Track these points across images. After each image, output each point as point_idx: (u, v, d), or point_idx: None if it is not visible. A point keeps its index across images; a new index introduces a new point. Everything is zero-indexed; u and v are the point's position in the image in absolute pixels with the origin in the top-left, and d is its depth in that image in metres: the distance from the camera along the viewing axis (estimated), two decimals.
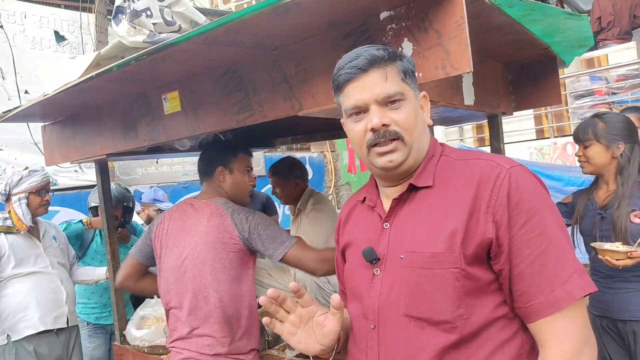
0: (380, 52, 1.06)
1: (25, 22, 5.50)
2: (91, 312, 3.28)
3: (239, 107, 1.69)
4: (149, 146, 2.12)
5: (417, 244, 1.04)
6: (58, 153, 2.55)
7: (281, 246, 1.88)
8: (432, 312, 1.00)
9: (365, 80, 1.05)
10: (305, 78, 1.50)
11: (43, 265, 2.79)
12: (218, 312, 1.88)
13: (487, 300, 1.00)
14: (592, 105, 5.42)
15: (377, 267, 1.09)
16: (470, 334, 0.99)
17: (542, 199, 1.02)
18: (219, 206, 1.98)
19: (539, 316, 0.97)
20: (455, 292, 0.98)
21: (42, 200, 2.81)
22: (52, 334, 2.79)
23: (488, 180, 1.01)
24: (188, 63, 1.67)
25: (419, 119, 1.09)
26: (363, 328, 1.11)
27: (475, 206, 1.00)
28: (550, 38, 1.87)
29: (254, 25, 1.35)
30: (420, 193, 1.08)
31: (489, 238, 0.98)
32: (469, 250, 0.99)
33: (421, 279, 1.01)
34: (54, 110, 2.29)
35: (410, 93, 1.08)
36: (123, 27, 1.47)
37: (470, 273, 0.99)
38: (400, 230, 1.08)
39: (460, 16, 1.20)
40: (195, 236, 1.93)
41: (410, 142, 1.06)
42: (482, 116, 2.29)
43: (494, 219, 0.98)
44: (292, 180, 2.78)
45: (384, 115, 1.04)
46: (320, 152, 8.19)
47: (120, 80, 1.78)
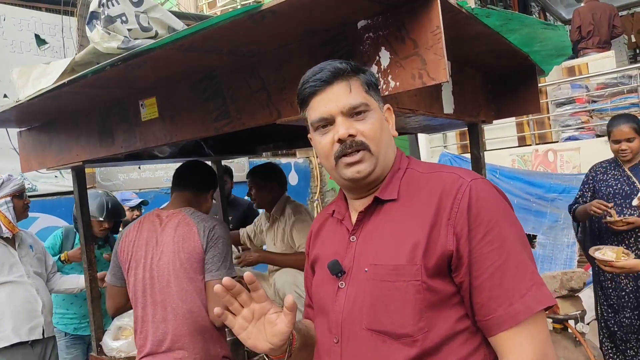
0: (344, 65, 1.08)
1: (4, 24, 5.40)
2: (69, 322, 3.23)
3: (217, 114, 1.67)
4: (125, 153, 2.08)
5: (380, 257, 1.04)
6: (34, 159, 2.50)
7: (223, 270, 1.87)
8: (394, 325, 1.00)
9: (330, 92, 1.06)
10: (284, 85, 1.49)
11: (18, 274, 2.72)
12: (188, 323, 1.85)
13: (449, 313, 1.00)
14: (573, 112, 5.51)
15: (342, 280, 1.09)
16: (431, 348, 0.98)
17: (503, 212, 1.02)
18: (186, 215, 1.97)
19: (499, 329, 0.97)
20: (416, 305, 0.98)
21: (24, 204, 2.83)
22: (27, 346, 2.71)
23: (449, 192, 1.01)
24: (165, 69, 1.64)
25: (384, 129, 1.10)
26: (327, 342, 1.10)
27: (437, 219, 1.00)
28: (529, 47, 1.88)
29: (231, 32, 1.33)
30: (385, 206, 1.09)
31: (449, 250, 0.98)
32: (430, 262, 0.99)
33: (383, 292, 1.01)
34: (29, 116, 2.24)
35: (375, 104, 1.09)
36: (97, 33, 1.44)
37: (432, 286, 0.98)
38: (366, 243, 1.08)
39: (436, 26, 1.20)
40: (162, 246, 1.91)
41: (377, 152, 1.07)
42: (462, 124, 2.30)
43: (454, 231, 0.98)
44: (269, 184, 2.79)
45: (350, 126, 1.05)
46: (306, 158, 8.18)
47: (95, 86, 1.75)
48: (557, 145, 5.50)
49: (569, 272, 2.17)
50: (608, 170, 3.03)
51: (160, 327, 1.87)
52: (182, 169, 2.17)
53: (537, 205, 4.72)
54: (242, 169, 6.76)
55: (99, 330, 2.50)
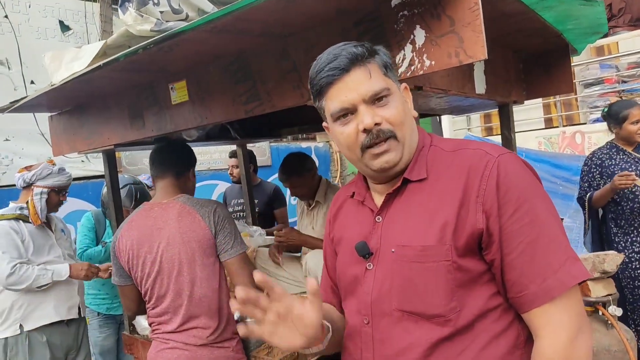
0: (359, 49, 1.03)
1: (29, 11, 5.48)
2: (102, 302, 3.31)
3: (247, 96, 1.67)
4: (156, 136, 2.11)
5: (407, 238, 1.02)
6: (65, 143, 2.54)
7: (237, 246, 1.93)
8: (425, 306, 0.99)
9: (349, 80, 1.02)
10: None
11: (56, 255, 2.81)
12: (203, 306, 1.91)
13: (480, 291, 0.99)
14: (601, 93, 5.36)
15: (370, 261, 1.08)
16: (464, 327, 0.98)
17: (532, 187, 1.00)
18: (183, 204, 1.96)
19: (532, 306, 0.95)
20: (447, 285, 0.97)
21: (58, 200, 2.85)
22: (63, 324, 2.81)
23: (477, 169, 0.99)
24: (196, 52, 1.65)
25: (407, 112, 1.07)
26: (357, 323, 1.09)
27: (465, 197, 0.98)
28: (563, 25, 1.83)
29: (263, 13, 1.32)
30: (412, 186, 1.07)
31: (479, 228, 0.97)
32: (460, 241, 0.97)
33: (413, 273, 1.00)
34: (60, 100, 2.28)
35: (394, 87, 1.06)
36: (130, 15, 1.45)
37: (462, 265, 0.97)
38: (392, 224, 1.07)
39: (474, 2, 1.17)
40: (166, 238, 1.91)
41: (403, 138, 1.04)
42: (493, 105, 2.26)
43: (483, 209, 0.97)
44: (305, 175, 2.68)
45: (374, 114, 1.01)
46: (326, 142, 8.16)
47: (127, 69, 1.76)
48: (585, 127, 5.37)
49: (601, 255, 2.14)
50: (613, 155, 3.08)
51: (177, 313, 1.93)
52: (158, 154, 2.08)
53: (564, 188, 4.64)
54: (264, 153, 6.79)
55: None
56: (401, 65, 1.31)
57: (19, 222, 2.69)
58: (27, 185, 2.75)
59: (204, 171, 6.10)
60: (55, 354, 2.75)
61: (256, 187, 3.72)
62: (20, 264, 2.56)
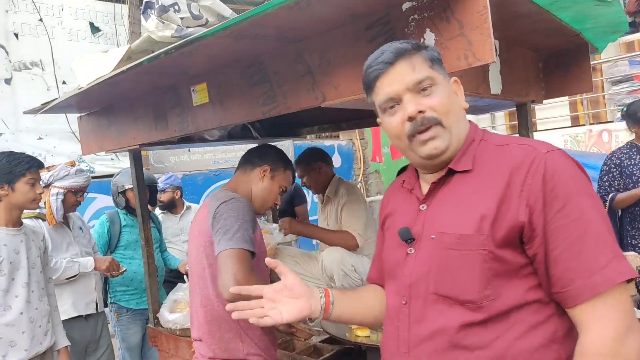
0: (405, 45, 1.08)
1: (62, 14, 5.67)
2: (131, 298, 3.36)
3: (264, 98, 1.73)
4: (179, 136, 2.18)
5: (447, 226, 1.06)
6: (94, 143, 2.65)
7: (223, 243, 1.63)
8: (459, 291, 1.03)
9: (394, 72, 1.07)
10: (328, 69, 1.52)
11: (74, 252, 2.90)
12: (205, 311, 1.77)
13: (518, 283, 1.01)
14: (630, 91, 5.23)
15: (412, 246, 1.13)
16: (498, 315, 1.00)
17: (580, 184, 1.00)
18: (210, 197, 1.84)
19: (577, 301, 0.96)
20: (482, 274, 1.00)
21: (75, 200, 2.92)
22: (82, 319, 2.92)
23: (522, 165, 1.01)
24: (215, 56, 1.71)
25: (453, 102, 1.10)
26: (396, 303, 1.15)
27: (508, 191, 1.00)
28: (581, 25, 1.82)
29: (278, 19, 1.37)
30: (457, 177, 1.10)
31: (521, 222, 0.98)
32: (499, 233, 0.99)
33: (450, 259, 1.04)
34: (89, 102, 2.38)
35: (440, 78, 1.09)
36: (152, 22, 1.52)
37: (500, 256, 0.99)
38: (435, 212, 1.11)
39: (482, 6, 1.19)
40: (192, 232, 1.87)
41: (449, 126, 1.07)
42: (511, 104, 2.25)
43: (527, 203, 0.98)
44: (315, 165, 2.84)
45: (418, 103, 1.05)
46: (349, 140, 8.19)
47: (150, 73, 1.84)
48: (612, 125, 5.25)
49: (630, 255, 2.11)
50: (633, 155, 3.03)
51: (194, 316, 1.85)
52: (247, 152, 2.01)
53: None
54: (287, 151, 6.86)
55: (155, 304, 2.66)
56: None
57: (38, 220, 2.79)
58: (45, 185, 2.83)
59: (229, 169, 6.22)
60: (74, 347, 2.84)
61: None
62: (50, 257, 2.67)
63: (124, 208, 3.37)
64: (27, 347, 2.19)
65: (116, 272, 2.94)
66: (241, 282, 1.53)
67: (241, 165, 1.96)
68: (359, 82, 1.45)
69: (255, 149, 2.01)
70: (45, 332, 2.29)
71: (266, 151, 1.98)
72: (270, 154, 1.96)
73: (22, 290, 2.21)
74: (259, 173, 1.90)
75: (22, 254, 2.25)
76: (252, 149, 2.02)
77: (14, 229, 2.27)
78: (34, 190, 2.27)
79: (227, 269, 1.57)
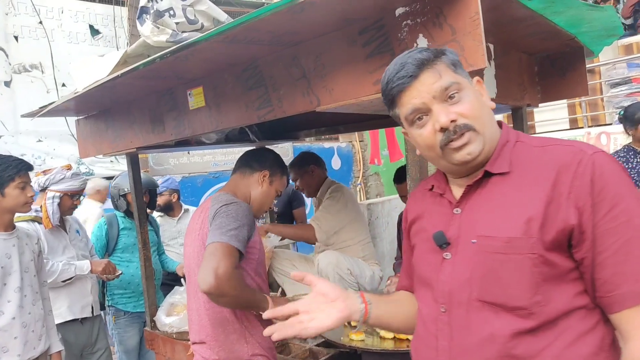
0: (425, 54, 1.04)
1: (62, 17, 5.69)
2: (128, 301, 3.36)
3: (259, 102, 1.73)
4: (175, 140, 2.19)
5: (491, 229, 1.02)
6: (91, 146, 2.66)
7: (217, 236, 1.64)
8: (507, 297, 0.98)
9: (419, 84, 1.03)
10: (323, 73, 1.53)
11: (70, 255, 2.89)
12: (209, 314, 1.77)
13: (566, 288, 0.98)
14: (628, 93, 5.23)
15: (447, 251, 1.09)
16: (548, 322, 0.97)
17: (627, 187, 0.98)
18: (211, 199, 1.85)
19: (623, 306, 0.93)
20: (532, 278, 0.96)
21: (72, 204, 2.91)
22: (78, 322, 2.92)
23: (569, 166, 0.98)
24: (210, 60, 1.71)
25: (482, 105, 1.07)
26: (433, 312, 1.11)
27: (555, 192, 0.97)
28: (576, 29, 1.83)
29: (272, 24, 1.38)
30: (493, 179, 1.06)
31: (570, 225, 0.95)
32: (548, 236, 0.96)
33: (496, 264, 1.00)
34: (86, 105, 2.39)
35: (465, 82, 1.06)
36: (147, 27, 1.52)
37: (549, 259, 0.96)
38: (472, 215, 1.07)
39: (474, 12, 1.19)
40: (191, 234, 1.87)
41: (482, 130, 1.04)
42: (506, 108, 2.26)
43: (576, 205, 0.95)
44: (308, 168, 2.87)
45: (448, 112, 1.02)
46: (348, 142, 8.19)
47: (146, 77, 1.84)
48: (611, 127, 5.25)
49: None
50: (630, 159, 3.03)
51: (193, 317, 1.84)
52: (244, 154, 2.04)
53: None
54: (287, 153, 6.87)
55: (152, 307, 2.66)
56: None
57: (34, 223, 2.79)
58: (41, 189, 2.84)
59: (229, 171, 6.21)
60: (70, 351, 2.84)
61: None
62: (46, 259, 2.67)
63: (125, 211, 3.37)
64: (20, 352, 2.17)
65: (112, 275, 2.94)
66: (221, 277, 1.54)
67: (239, 168, 1.98)
68: (353, 86, 1.46)
69: (253, 153, 2.02)
70: (39, 337, 2.28)
71: (265, 156, 2.00)
72: (269, 159, 1.97)
73: (14, 295, 2.19)
74: (259, 178, 1.92)
75: (14, 258, 2.23)
76: (250, 152, 2.03)
77: (6, 233, 2.25)
78: (25, 194, 2.25)
79: (209, 261, 1.58)
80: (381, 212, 5.63)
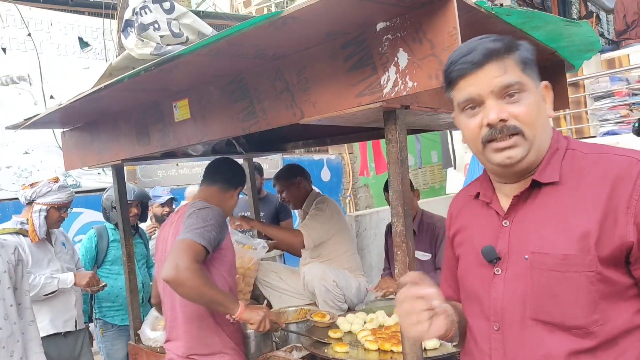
0: (497, 44, 0.98)
1: (51, 29, 5.67)
2: (116, 314, 3.32)
3: (244, 114, 1.75)
4: (161, 151, 2.19)
5: (544, 245, 0.97)
6: (77, 158, 2.65)
7: (184, 234, 1.80)
8: (564, 316, 0.95)
9: (481, 74, 0.98)
10: (307, 87, 1.54)
11: (55, 269, 2.86)
12: (184, 312, 1.92)
13: (625, 306, 0.94)
14: (612, 106, 5.32)
15: (498, 266, 1.03)
16: (607, 341, 0.93)
17: None
18: (187, 207, 2.02)
19: None
20: (589, 297, 0.92)
21: (59, 216, 2.89)
22: (61, 336, 2.87)
23: (626, 177, 0.92)
24: (195, 73, 1.73)
25: (541, 111, 1.00)
26: (484, 329, 1.06)
27: (611, 205, 0.92)
28: (556, 43, 1.87)
29: (255, 38, 1.40)
30: (544, 190, 1.01)
31: (629, 241, 0.90)
32: (604, 252, 0.92)
33: (551, 282, 0.95)
34: (71, 117, 2.39)
35: (531, 84, 0.99)
36: (132, 40, 1.53)
37: (607, 276, 0.92)
38: (523, 229, 1.02)
39: (453, 27, 1.22)
40: (167, 241, 2.00)
41: (532, 137, 0.98)
42: None
43: (635, 221, 0.90)
44: (294, 180, 2.88)
45: (501, 110, 0.97)
46: (338, 154, 8.22)
47: (132, 89, 1.85)
48: (595, 140, 5.34)
49: None
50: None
51: (169, 317, 1.99)
52: (209, 165, 2.23)
53: None
54: (276, 165, 6.88)
55: (136, 320, 2.63)
56: (386, 86, 1.36)
57: (19, 236, 2.75)
58: (28, 202, 2.81)
59: None
60: None
61: (262, 200, 3.79)
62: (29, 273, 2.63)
63: (117, 223, 3.34)
64: None
65: (96, 288, 2.91)
66: (180, 267, 1.70)
67: (210, 184, 2.15)
68: (336, 99, 1.48)
69: (219, 170, 2.18)
70: (9, 354, 2.16)
71: (232, 173, 2.19)
72: (235, 177, 2.18)
73: None
74: (229, 196, 2.15)
75: None
76: (216, 168, 2.19)
77: None
78: None
79: (173, 254, 1.73)
80: (369, 224, 5.64)
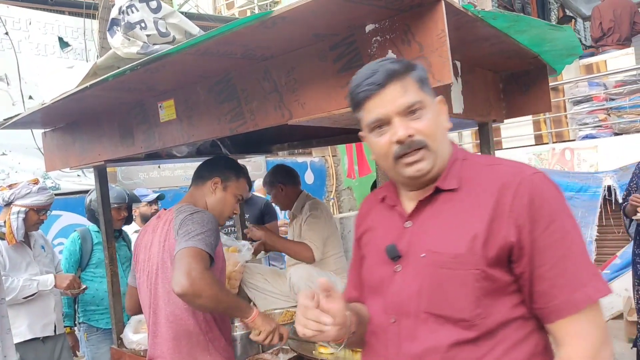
0: (396, 66, 1.09)
1: (30, 28, 5.56)
2: (101, 317, 3.26)
3: (231, 115, 1.73)
4: (145, 152, 2.16)
5: (439, 245, 1.07)
6: (58, 159, 2.60)
7: (185, 242, 1.66)
8: (452, 310, 1.04)
9: (385, 94, 1.08)
10: (295, 87, 1.54)
11: (34, 272, 2.80)
12: (172, 327, 1.78)
13: (505, 300, 1.04)
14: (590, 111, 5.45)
15: (399, 264, 1.13)
16: (487, 332, 1.03)
17: (562, 205, 1.05)
18: (173, 210, 1.87)
19: (559, 316, 1.01)
20: (474, 293, 1.02)
21: (38, 219, 2.83)
22: (39, 341, 2.81)
23: (510, 185, 1.04)
24: (182, 73, 1.71)
25: (439, 124, 1.12)
26: (383, 322, 1.14)
27: (497, 211, 1.03)
28: (539, 47, 1.90)
29: (244, 37, 1.39)
30: (443, 195, 1.12)
31: (510, 242, 1.01)
32: (490, 253, 1.02)
33: (442, 278, 1.05)
34: (53, 117, 2.34)
35: (429, 100, 1.11)
36: (118, 39, 1.51)
37: (490, 275, 1.02)
38: (423, 230, 1.12)
39: (441, 29, 1.24)
40: (152, 247, 1.85)
41: (435, 149, 1.09)
42: (473, 124, 2.32)
43: (516, 224, 1.01)
44: (277, 185, 2.88)
45: (407, 127, 1.07)
46: (322, 157, 8.23)
47: (116, 89, 1.82)
48: (574, 143, 5.45)
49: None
50: None
51: (152, 332, 1.85)
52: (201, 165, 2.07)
53: None
54: (259, 167, 6.85)
55: (119, 324, 2.59)
56: None
57: None
58: (6, 204, 2.75)
59: None
60: None
61: (247, 202, 3.77)
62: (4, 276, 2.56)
63: None
64: None
65: (76, 290, 2.85)
66: (194, 277, 1.55)
67: (194, 181, 2.02)
68: (325, 100, 1.48)
69: (205, 163, 2.05)
70: None
71: (215, 163, 2.03)
72: (219, 165, 2.00)
73: None
74: (211, 186, 1.95)
75: None
76: (202, 163, 2.06)
77: None
78: None
79: (181, 265, 1.58)
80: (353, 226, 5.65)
